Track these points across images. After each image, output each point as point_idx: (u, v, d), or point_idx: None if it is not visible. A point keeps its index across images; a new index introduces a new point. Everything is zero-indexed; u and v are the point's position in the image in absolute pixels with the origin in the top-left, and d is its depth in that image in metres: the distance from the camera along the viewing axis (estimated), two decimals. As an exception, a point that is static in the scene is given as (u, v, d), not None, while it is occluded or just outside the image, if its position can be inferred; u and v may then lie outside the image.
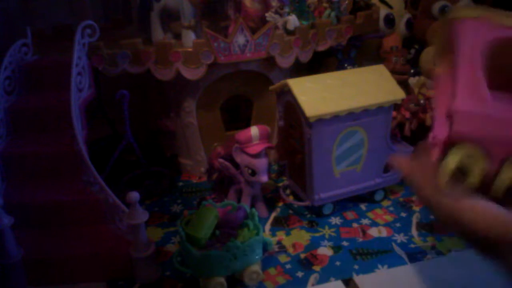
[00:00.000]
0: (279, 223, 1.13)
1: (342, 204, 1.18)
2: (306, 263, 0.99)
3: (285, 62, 1.25)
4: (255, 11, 1.26)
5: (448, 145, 0.49)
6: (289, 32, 1.26)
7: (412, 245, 1.03)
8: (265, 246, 0.96)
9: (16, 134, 1.09)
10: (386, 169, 1.16)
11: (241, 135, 1.08)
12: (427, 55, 1.56)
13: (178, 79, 1.19)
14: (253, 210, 0.99)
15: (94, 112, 1.32)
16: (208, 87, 1.25)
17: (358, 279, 0.93)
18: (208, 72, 1.19)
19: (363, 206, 1.19)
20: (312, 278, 0.94)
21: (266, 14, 1.25)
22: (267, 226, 1.12)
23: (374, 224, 1.12)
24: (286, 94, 1.10)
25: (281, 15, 1.26)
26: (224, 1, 1.34)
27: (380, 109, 1.07)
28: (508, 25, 0.50)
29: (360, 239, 1.06)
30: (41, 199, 0.99)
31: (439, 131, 0.51)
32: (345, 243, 1.04)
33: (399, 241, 1.05)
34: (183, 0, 1.17)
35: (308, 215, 1.15)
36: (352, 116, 1.05)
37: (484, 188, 0.48)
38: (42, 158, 1.03)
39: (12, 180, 1.03)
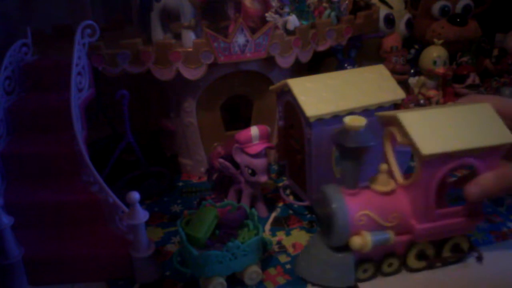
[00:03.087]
0: (279, 223, 1.13)
1: (342, 204, 1.17)
2: (306, 263, 0.99)
3: (285, 62, 1.25)
4: (255, 11, 1.26)
5: None
6: (289, 32, 1.26)
7: (412, 245, 1.03)
8: (265, 246, 0.96)
9: (16, 134, 1.09)
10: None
11: (241, 135, 1.08)
12: (427, 55, 1.56)
13: (178, 79, 1.19)
14: (253, 210, 0.99)
15: (94, 112, 1.32)
16: (208, 87, 1.25)
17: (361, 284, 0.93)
18: (208, 72, 1.19)
19: (363, 206, 1.18)
20: (312, 278, 0.94)
21: (266, 14, 1.25)
22: (267, 226, 1.12)
23: (374, 224, 1.11)
24: (286, 94, 1.10)
25: (281, 15, 1.25)
26: (224, 1, 1.34)
27: (380, 109, 1.07)
28: None
29: (360, 239, 1.06)
30: (41, 199, 0.99)
31: None
32: (345, 243, 1.04)
33: (399, 241, 1.05)
34: (183, 0, 1.17)
35: (308, 215, 1.15)
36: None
37: None
38: (42, 158, 1.03)
39: (12, 180, 1.03)
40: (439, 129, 0.83)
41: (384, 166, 0.89)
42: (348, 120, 0.83)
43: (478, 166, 0.83)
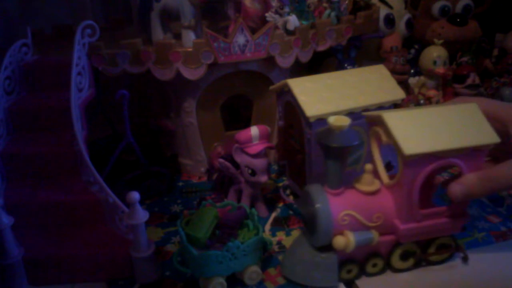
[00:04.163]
0: (279, 223, 1.13)
1: (342, 204, 1.17)
2: (306, 263, 0.98)
3: (285, 62, 1.25)
4: (255, 11, 1.26)
5: None
6: (289, 32, 1.26)
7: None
8: (265, 246, 0.96)
9: (16, 134, 1.09)
10: (386, 168, 1.15)
11: (241, 135, 1.08)
12: (427, 55, 1.56)
13: (178, 79, 1.19)
14: (253, 210, 0.99)
15: (94, 112, 1.32)
16: (208, 87, 1.25)
17: (360, 281, 0.93)
18: (208, 72, 1.19)
19: (363, 206, 1.18)
20: (312, 278, 0.94)
21: (266, 14, 1.25)
22: (267, 226, 1.12)
23: (374, 224, 1.11)
24: (286, 94, 1.10)
25: (281, 15, 1.26)
26: (224, 1, 1.35)
27: (380, 109, 1.07)
28: None
29: (360, 239, 1.06)
30: (41, 199, 0.99)
31: None
32: (345, 243, 1.04)
33: (399, 241, 1.05)
34: (183, 0, 1.17)
35: (308, 215, 1.15)
36: (352, 116, 1.04)
37: None
38: (42, 158, 1.03)
39: (12, 180, 1.03)
40: (423, 129, 0.82)
41: (369, 166, 0.88)
42: (332, 120, 0.82)
43: (462, 167, 0.83)
